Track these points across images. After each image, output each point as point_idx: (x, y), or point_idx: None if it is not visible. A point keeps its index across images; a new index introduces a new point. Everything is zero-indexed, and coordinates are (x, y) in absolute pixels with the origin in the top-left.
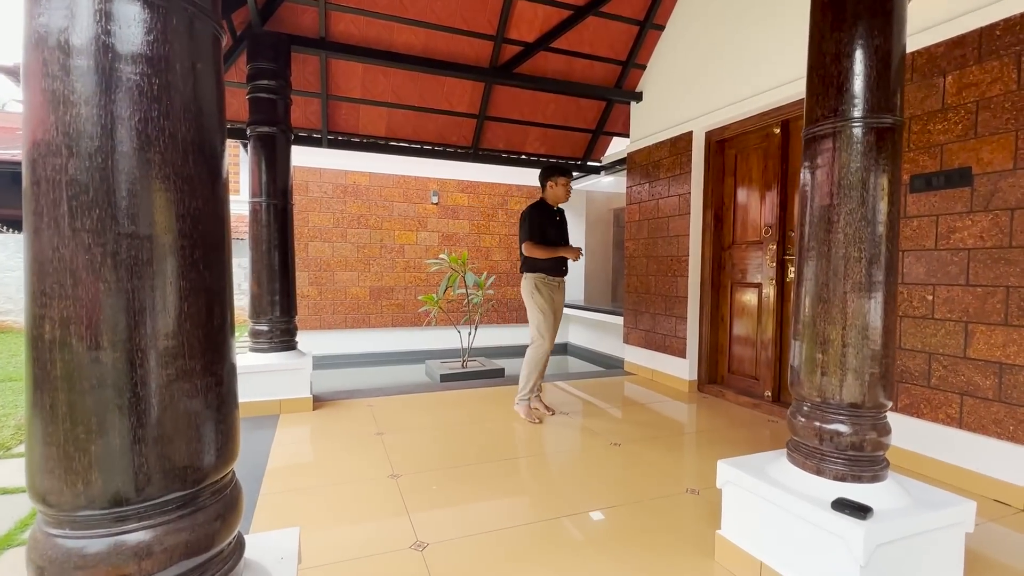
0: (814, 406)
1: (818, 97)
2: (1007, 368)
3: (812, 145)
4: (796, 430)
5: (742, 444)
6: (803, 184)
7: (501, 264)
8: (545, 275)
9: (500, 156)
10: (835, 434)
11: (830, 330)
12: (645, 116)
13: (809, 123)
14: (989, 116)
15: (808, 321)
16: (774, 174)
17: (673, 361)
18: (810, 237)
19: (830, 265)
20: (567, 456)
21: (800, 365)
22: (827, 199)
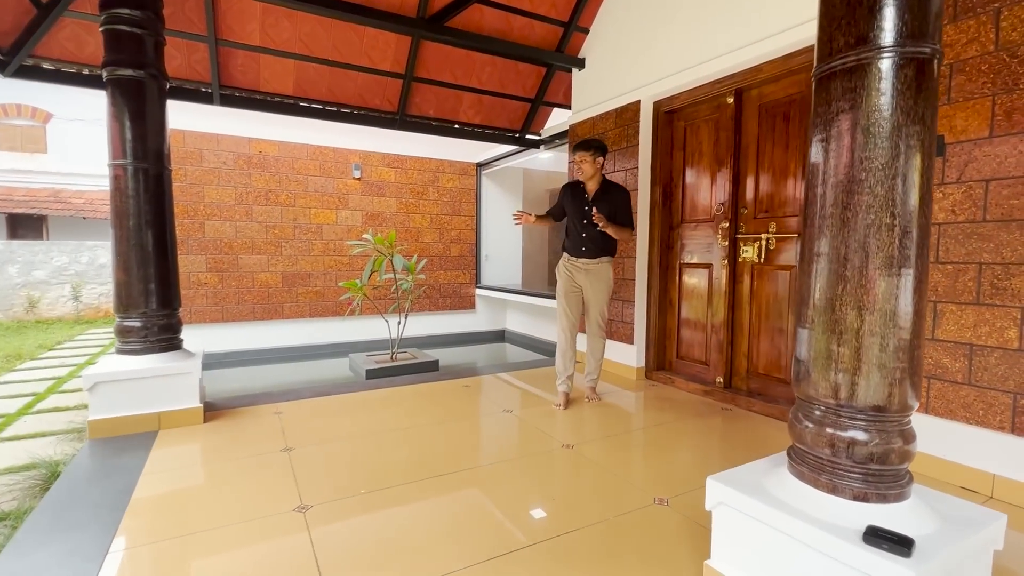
0: (827, 410)
1: (840, 22)
2: (977, 350)
3: (829, 85)
4: (802, 437)
5: (703, 439)
6: (815, 136)
7: (433, 246)
8: (566, 254)
9: (430, 124)
10: (854, 443)
11: (851, 317)
12: (588, 85)
13: (825, 58)
14: (964, 80)
15: (822, 306)
16: (727, 147)
17: (620, 348)
18: (825, 202)
19: (853, 236)
20: (515, 466)
21: (810, 359)
22: (850, 153)
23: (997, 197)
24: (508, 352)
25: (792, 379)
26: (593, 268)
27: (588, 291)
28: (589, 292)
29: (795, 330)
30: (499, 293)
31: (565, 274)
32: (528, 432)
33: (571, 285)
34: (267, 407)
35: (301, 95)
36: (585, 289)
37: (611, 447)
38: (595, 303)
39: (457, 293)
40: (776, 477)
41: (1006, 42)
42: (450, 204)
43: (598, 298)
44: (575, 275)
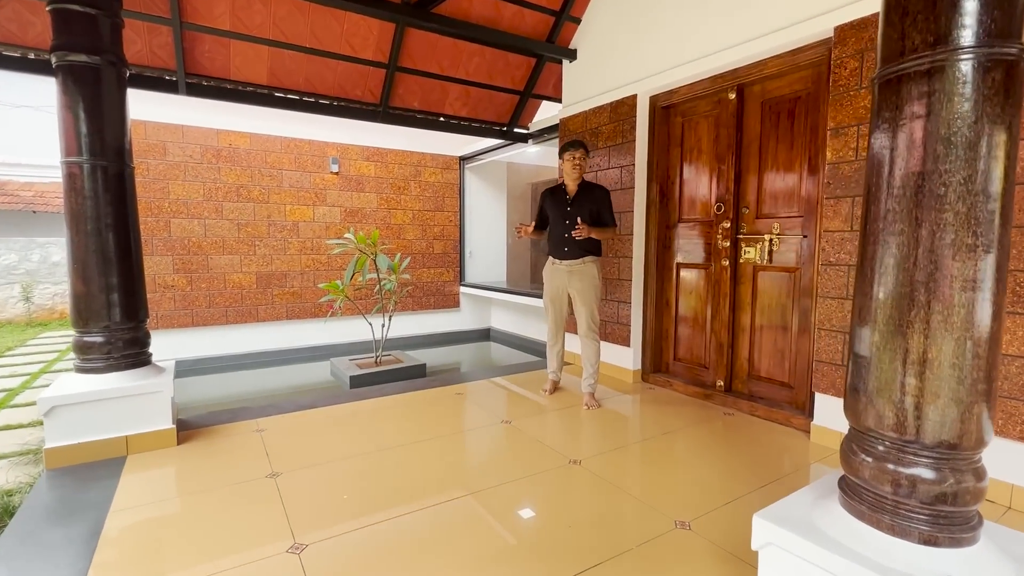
0: (891, 444)
1: (915, 17)
2: (1013, 360)
3: (899, 89)
4: (858, 471)
5: (712, 449)
6: (878, 144)
7: (416, 243)
8: (550, 257)
9: (414, 117)
10: (921, 482)
11: (923, 342)
12: (580, 77)
13: (894, 58)
14: None
15: (889, 331)
16: (727, 145)
17: (616, 350)
18: (894, 218)
19: (928, 256)
20: (523, 488)
21: (871, 388)
22: (924, 164)
23: (1022, 202)
24: (494, 351)
25: (845, 407)
26: (577, 269)
27: (575, 293)
28: (576, 294)
29: (849, 354)
30: (484, 291)
31: (550, 277)
32: (531, 447)
33: (556, 288)
34: (247, 424)
35: (276, 85)
36: (572, 291)
37: (620, 462)
38: (584, 304)
39: (441, 291)
40: (827, 513)
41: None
42: (433, 199)
43: (587, 299)
44: (560, 277)
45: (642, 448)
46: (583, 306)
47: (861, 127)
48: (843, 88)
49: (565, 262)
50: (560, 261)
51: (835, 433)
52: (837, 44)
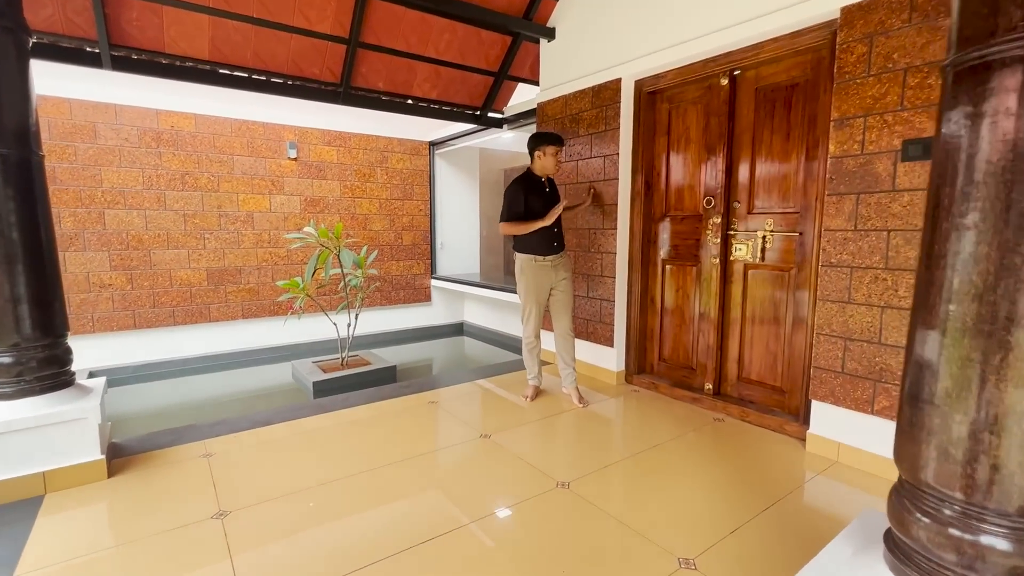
0: (961, 510)
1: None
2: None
3: (980, 79)
4: (911, 531)
5: (707, 464)
6: (954, 141)
7: (383, 235)
8: (533, 255)
9: (379, 99)
10: (992, 552)
11: (1014, 397)
12: (559, 58)
13: (974, 41)
14: None
15: (962, 379)
16: (719, 135)
17: (598, 350)
18: (972, 239)
19: (1013, 280)
20: (510, 524)
21: (932, 435)
22: (1013, 174)
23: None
24: (467, 347)
25: (897, 455)
26: (562, 263)
27: (561, 287)
28: (562, 289)
29: (904, 396)
30: (457, 285)
31: (535, 274)
32: (514, 467)
33: (543, 286)
34: (194, 447)
35: (220, 60)
36: (557, 286)
37: (611, 483)
38: (569, 299)
39: (411, 285)
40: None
41: None
42: (401, 187)
43: (570, 293)
44: (547, 274)
45: (634, 465)
46: (568, 302)
47: (868, 118)
48: (849, 76)
49: (550, 257)
50: (545, 257)
51: (832, 443)
52: (843, 27)
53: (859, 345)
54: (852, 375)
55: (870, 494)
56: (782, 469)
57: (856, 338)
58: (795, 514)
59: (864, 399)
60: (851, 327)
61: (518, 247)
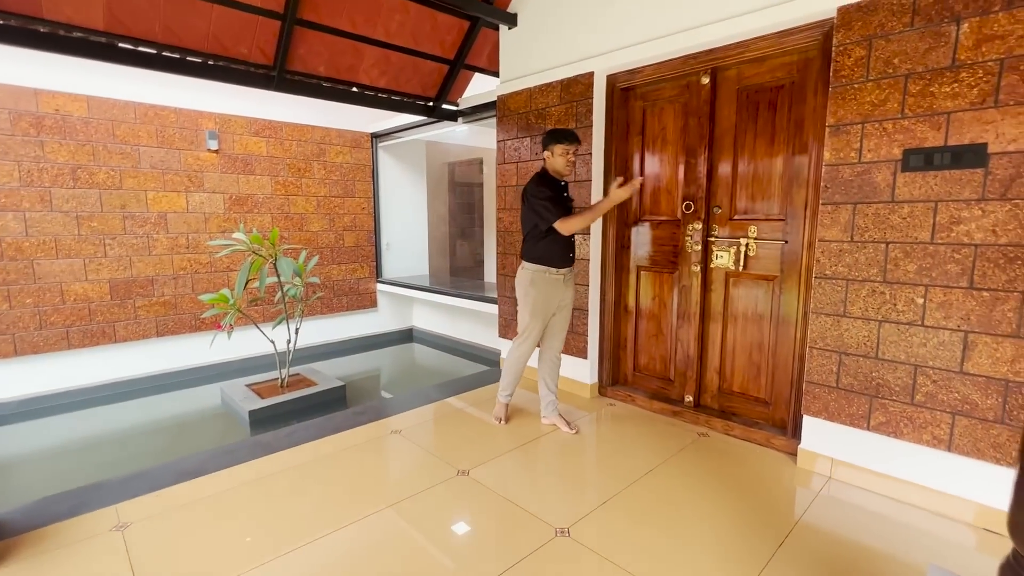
0: None
1: None
2: (1014, 386)
3: None
4: None
5: (711, 493)
6: None
7: (322, 236)
8: (547, 267)
9: (320, 85)
10: None
11: None
12: (522, 47)
13: None
14: (1017, 80)
15: None
16: (699, 136)
17: (572, 362)
18: None
19: None
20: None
21: None
22: None
23: None
24: (419, 355)
25: (1012, 526)
26: (571, 277)
27: (565, 305)
28: (566, 306)
29: (1021, 461)
30: (404, 289)
31: (549, 289)
32: (505, 513)
33: (552, 300)
34: (102, 516)
35: (119, 32)
36: (564, 303)
37: (613, 525)
38: (568, 318)
39: (355, 290)
40: None
41: None
42: (341, 183)
43: (569, 313)
44: (558, 289)
45: (632, 499)
46: (568, 319)
47: (867, 125)
48: (846, 80)
49: (563, 270)
50: (559, 269)
51: (825, 458)
52: (840, 28)
53: (855, 360)
54: (847, 390)
55: (877, 513)
56: (784, 493)
57: (852, 352)
58: (813, 544)
59: (860, 415)
60: (846, 341)
61: (529, 255)
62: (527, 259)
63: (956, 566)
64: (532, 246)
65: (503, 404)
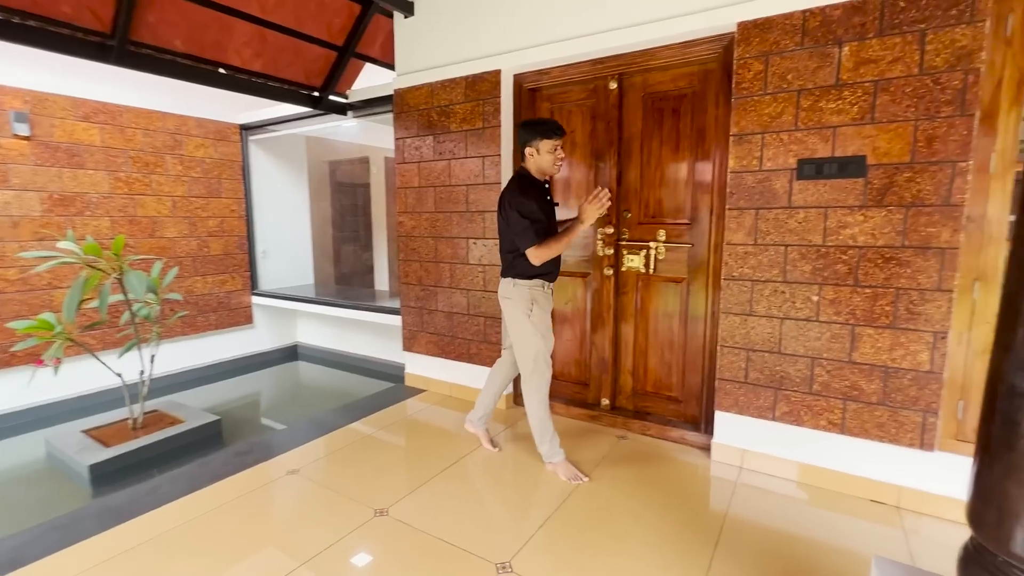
0: None
1: None
2: (892, 372)
3: None
4: None
5: (648, 500)
6: None
7: (182, 243)
8: (544, 281)
9: (176, 63)
10: None
11: None
12: (421, 39)
13: None
14: (888, 100)
15: None
16: (608, 141)
17: (483, 372)
18: None
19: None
20: None
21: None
22: None
23: (915, 224)
24: (307, 375)
25: (972, 517)
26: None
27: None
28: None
29: (989, 451)
30: (286, 302)
31: (548, 306)
32: (435, 553)
33: (548, 319)
34: None
35: None
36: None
37: (557, 550)
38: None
39: (225, 305)
40: None
41: (928, 67)
42: (203, 181)
43: None
44: (551, 303)
45: (568, 518)
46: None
47: (766, 135)
48: (747, 92)
49: (552, 284)
50: (551, 284)
51: (736, 450)
52: (740, 43)
53: (761, 356)
54: (755, 384)
55: (790, 496)
56: (705, 487)
57: (758, 349)
58: (745, 538)
59: (766, 407)
60: (753, 339)
61: (524, 272)
62: (522, 276)
63: (861, 543)
64: (527, 261)
65: (561, 463)
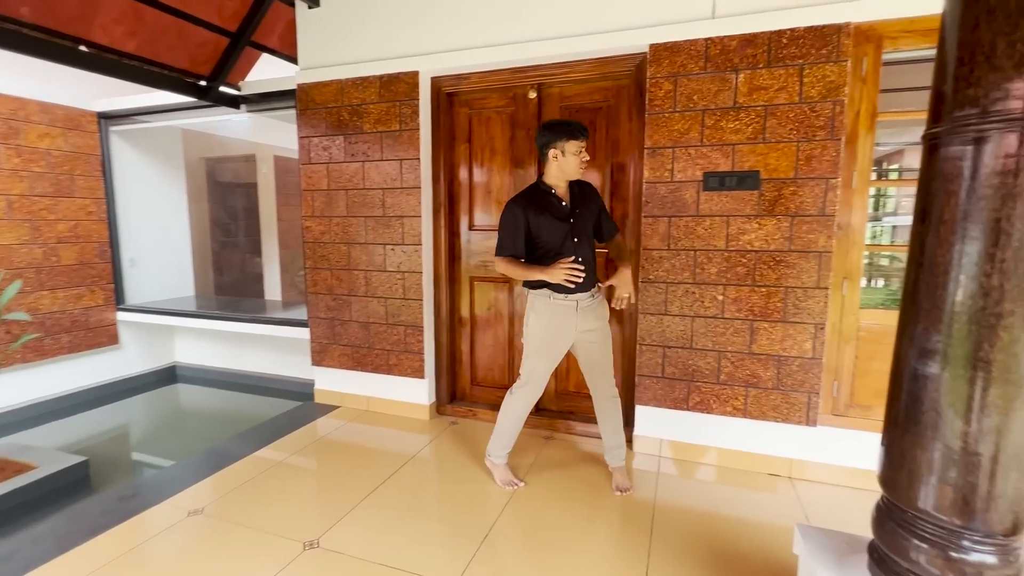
0: (959, 534)
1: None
2: (784, 360)
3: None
4: (906, 553)
5: (585, 508)
6: None
7: (22, 251)
8: (554, 292)
9: (21, 34)
10: (985, 568)
11: (999, 420)
12: (328, 32)
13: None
14: (775, 123)
15: (959, 406)
16: (528, 149)
17: (404, 383)
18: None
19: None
20: None
21: (929, 471)
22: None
23: (799, 231)
24: (190, 399)
25: (884, 480)
26: (591, 304)
27: (590, 338)
28: (591, 339)
29: (896, 424)
30: (160, 317)
31: (547, 318)
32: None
33: (560, 333)
34: None
35: None
36: (583, 336)
37: (504, 563)
38: (604, 352)
39: (81, 324)
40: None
41: (806, 97)
42: (50, 178)
43: (606, 343)
44: (567, 319)
45: (511, 527)
46: (605, 353)
47: (676, 150)
48: (659, 109)
49: (576, 296)
50: (567, 296)
51: (655, 440)
52: (652, 63)
53: (675, 351)
54: (671, 378)
55: (706, 480)
56: (633, 481)
57: (673, 345)
58: (676, 524)
59: (681, 398)
60: (668, 336)
61: (529, 281)
62: (526, 284)
63: (767, 513)
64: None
65: (501, 466)
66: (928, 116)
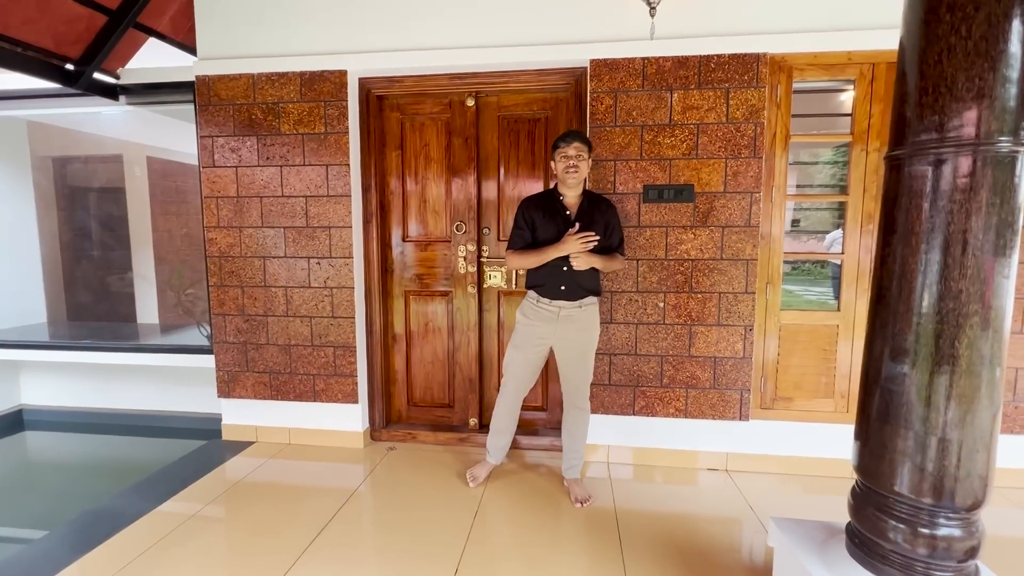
0: (930, 512)
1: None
2: (719, 361)
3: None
4: (883, 532)
5: (533, 519)
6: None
7: None
8: (539, 296)
9: None
10: (953, 541)
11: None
12: (231, 21)
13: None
14: (707, 141)
15: (928, 399)
16: (467, 157)
17: (334, 410)
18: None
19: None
20: None
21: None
22: None
23: (729, 241)
24: (43, 450)
25: (862, 468)
26: (575, 314)
27: (566, 346)
28: (568, 347)
29: (870, 416)
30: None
31: (530, 320)
32: None
33: (536, 335)
34: None
35: None
36: (560, 343)
37: None
38: (579, 363)
39: None
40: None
41: (732, 117)
42: None
43: (583, 355)
44: (546, 323)
45: (478, 559)
46: (579, 366)
47: (618, 163)
48: (600, 123)
49: (559, 302)
50: (552, 302)
51: (603, 447)
52: (593, 78)
53: (621, 358)
54: (617, 385)
55: (656, 481)
56: (591, 488)
57: (619, 352)
58: (642, 529)
59: (627, 403)
60: (614, 344)
61: (526, 282)
62: (527, 286)
63: (716, 506)
64: (529, 273)
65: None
66: (890, 138)
